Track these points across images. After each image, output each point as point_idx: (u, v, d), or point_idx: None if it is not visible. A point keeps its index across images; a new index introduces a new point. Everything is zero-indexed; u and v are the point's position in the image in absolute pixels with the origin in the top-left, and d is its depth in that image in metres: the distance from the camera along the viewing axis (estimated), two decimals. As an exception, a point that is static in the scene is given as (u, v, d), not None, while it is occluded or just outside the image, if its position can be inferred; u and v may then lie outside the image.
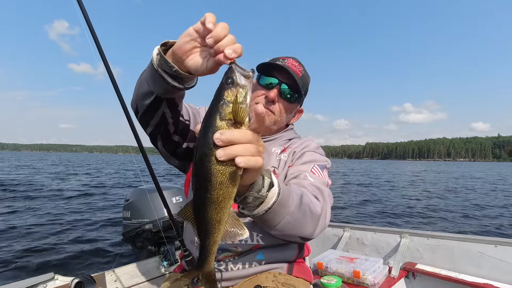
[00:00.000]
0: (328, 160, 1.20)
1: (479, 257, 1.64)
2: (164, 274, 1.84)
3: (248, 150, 0.54)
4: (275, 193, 0.73)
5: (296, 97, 1.18)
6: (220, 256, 1.06)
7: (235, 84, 0.55)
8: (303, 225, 0.87)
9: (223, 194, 0.57)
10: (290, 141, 1.26)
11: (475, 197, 12.27)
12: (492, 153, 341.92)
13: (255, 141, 0.56)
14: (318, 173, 1.07)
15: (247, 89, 0.56)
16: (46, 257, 4.24)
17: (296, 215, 0.82)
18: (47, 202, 8.68)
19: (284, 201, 0.77)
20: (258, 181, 0.68)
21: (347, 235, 2.15)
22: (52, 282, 1.41)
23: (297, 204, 0.82)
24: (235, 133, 0.53)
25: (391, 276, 1.74)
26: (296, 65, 1.16)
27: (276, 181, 0.74)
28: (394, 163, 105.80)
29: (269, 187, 0.72)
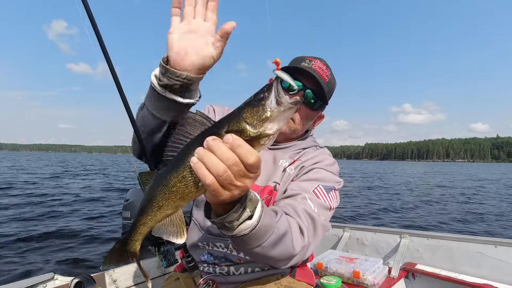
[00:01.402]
0: (341, 180, 1.09)
1: (479, 257, 1.64)
2: (163, 274, 1.84)
3: (218, 173, 0.50)
4: (249, 227, 0.66)
5: (320, 104, 1.08)
6: (223, 264, 1.05)
7: (261, 105, 0.50)
8: (272, 259, 0.81)
9: (179, 187, 0.56)
10: (303, 151, 1.14)
11: (475, 198, 12.28)
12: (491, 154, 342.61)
13: (237, 172, 0.51)
14: (322, 196, 0.97)
15: (270, 116, 0.50)
16: (46, 257, 4.23)
17: (267, 250, 0.75)
18: (47, 203, 8.66)
19: (258, 236, 0.70)
20: (233, 213, 0.61)
21: (347, 235, 2.15)
22: (52, 282, 1.41)
23: (273, 242, 0.75)
24: (222, 148, 0.49)
25: (391, 277, 1.74)
26: (324, 69, 1.05)
27: (257, 215, 0.66)
28: (393, 164, 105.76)
29: (246, 219, 0.65)
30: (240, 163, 0.50)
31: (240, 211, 0.62)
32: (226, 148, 0.49)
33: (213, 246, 1.07)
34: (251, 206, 0.64)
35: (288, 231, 0.80)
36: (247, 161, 0.50)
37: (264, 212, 0.69)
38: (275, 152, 1.11)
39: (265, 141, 0.52)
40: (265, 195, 1.00)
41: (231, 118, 0.53)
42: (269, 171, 1.06)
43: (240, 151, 0.49)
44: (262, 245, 0.73)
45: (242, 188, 0.54)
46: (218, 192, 0.52)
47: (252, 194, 0.65)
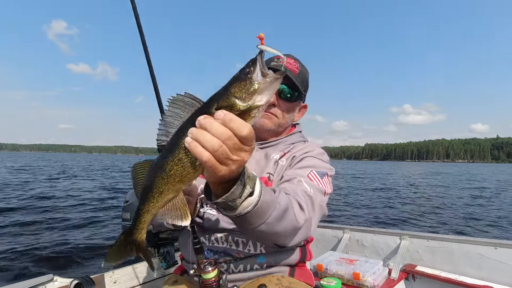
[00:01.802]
0: (332, 168, 1.14)
1: (479, 259, 1.64)
2: (163, 275, 1.83)
3: (213, 148, 0.51)
4: (251, 204, 0.67)
5: (296, 95, 1.16)
6: (222, 259, 1.06)
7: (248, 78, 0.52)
8: (279, 236, 0.83)
9: (176, 170, 0.57)
10: (292, 145, 1.21)
11: (475, 198, 12.28)
12: (491, 155, 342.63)
13: (232, 146, 0.52)
14: (316, 180, 1.01)
15: (258, 88, 0.51)
16: (45, 258, 4.23)
17: (272, 227, 0.77)
18: (46, 204, 8.65)
19: (261, 212, 0.72)
20: (235, 191, 0.62)
21: (347, 237, 2.14)
22: (51, 284, 1.40)
23: (277, 217, 0.77)
24: (215, 125, 0.50)
25: (391, 278, 1.74)
26: (292, 63, 1.14)
27: (258, 191, 0.68)
28: (393, 164, 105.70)
29: (248, 196, 0.66)
30: (234, 137, 0.51)
31: (241, 189, 0.63)
32: (218, 124, 0.51)
33: (214, 241, 1.08)
34: (251, 183, 0.66)
35: (289, 206, 0.82)
36: (240, 134, 0.51)
37: (263, 188, 0.70)
38: (266, 150, 1.17)
39: (255, 113, 0.53)
40: None
41: (219, 95, 0.54)
42: (261, 165, 1.12)
43: (233, 125, 0.50)
44: (266, 222, 0.74)
45: (239, 162, 0.55)
46: (216, 168, 0.53)
47: (249, 172, 0.66)
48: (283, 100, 1.14)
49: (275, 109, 1.13)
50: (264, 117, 1.13)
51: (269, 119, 1.14)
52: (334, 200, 10.83)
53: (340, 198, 11.49)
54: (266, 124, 1.14)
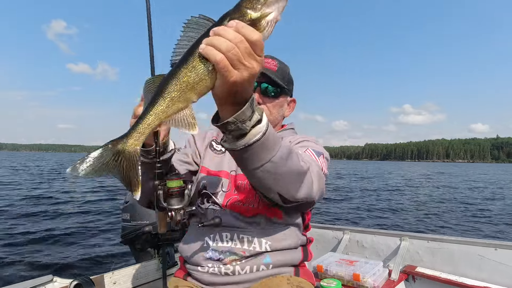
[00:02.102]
0: (326, 152, 1.16)
1: (479, 260, 1.63)
2: (162, 277, 1.83)
3: (227, 48, 0.54)
4: (260, 131, 0.67)
5: (279, 91, 1.18)
6: (227, 259, 1.05)
7: None
8: (284, 181, 0.79)
9: (190, 77, 0.57)
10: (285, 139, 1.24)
11: (475, 200, 12.28)
12: (491, 155, 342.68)
13: (244, 50, 0.55)
14: (313, 156, 1.03)
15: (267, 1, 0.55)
16: (45, 259, 4.22)
17: (278, 166, 0.75)
18: (46, 204, 8.65)
19: (269, 145, 0.71)
20: (245, 111, 0.63)
21: (347, 238, 2.14)
22: (51, 285, 1.40)
23: (283, 156, 0.75)
24: (228, 30, 0.54)
25: (391, 279, 1.74)
26: (269, 61, 1.17)
27: (265, 120, 0.69)
28: (393, 164, 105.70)
29: (256, 123, 0.67)
30: (245, 41, 0.55)
31: (251, 112, 0.64)
32: (231, 30, 0.54)
33: (218, 241, 1.07)
34: (259, 111, 0.67)
35: (292, 149, 0.81)
36: (251, 39, 0.55)
37: (270, 125, 0.72)
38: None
39: (264, 26, 0.57)
40: None
41: (231, 10, 0.57)
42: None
43: (244, 31, 0.54)
44: (272, 160, 0.73)
45: (250, 70, 0.57)
46: (228, 71, 0.55)
47: (256, 102, 0.68)
48: (267, 98, 1.17)
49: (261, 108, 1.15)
50: None
51: None
52: (334, 201, 10.83)
53: (340, 199, 11.48)
54: None
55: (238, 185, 1.12)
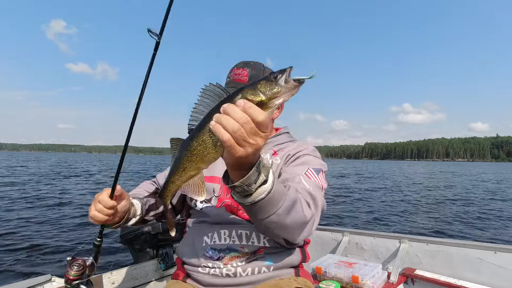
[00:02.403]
0: (325, 164, 1.18)
1: (479, 263, 1.63)
2: (161, 277, 1.83)
3: (233, 130, 0.59)
4: (265, 191, 0.74)
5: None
6: (227, 257, 1.05)
7: (274, 80, 0.61)
8: (288, 229, 0.88)
9: (199, 150, 0.67)
10: (282, 145, 1.23)
11: (475, 202, 12.27)
12: (491, 153, 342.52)
13: (249, 130, 0.60)
14: (313, 177, 1.05)
15: (279, 90, 0.61)
16: (43, 258, 4.22)
17: (283, 218, 0.83)
18: (45, 204, 8.64)
19: (274, 201, 0.78)
20: (251, 176, 0.69)
21: (346, 240, 2.14)
22: (49, 284, 1.40)
23: (287, 208, 0.83)
24: (236, 110, 0.59)
25: (390, 282, 1.73)
26: (240, 72, 1.16)
27: (271, 180, 0.75)
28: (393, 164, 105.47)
29: (262, 183, 0.73)
30: (251, 122, 0.59)
31: (256, 175, 0.71)
32: (239, 110, 0.59)
33: (216, 239, 1.08)
34: (265, 171, 0.73)
35: (298, 199, 0.87)
36: (257, 119, 0.59)
37: (276, 180, 0.78)
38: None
39: (271, 109, 0.63)
40: None
41: (246, 87, 0.63)
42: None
43: (251, 111, 0.59)
44: (277, 212, 0.80)
45: (255, 146, 0.62)
46: (234, 149, 0.61)
47: (264, 161, 0.73)
48: None
49: None
50: None
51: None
52: (333, 202, 10.82)
53: (339, 200, 11.48)
54: None
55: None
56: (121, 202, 1.03)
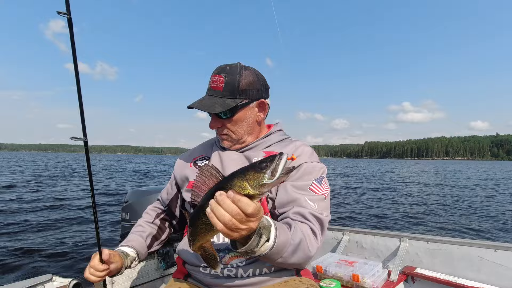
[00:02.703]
0: (324, 166, 1.13)
1: (479, 261, 1.63)
2: (162, 276, 1.83)
3: (224, 221, 0.65)
4: (268, 248, 0.80)
5: (233, 106, 1.08)
6: (227, 257, 1.05)
7: (261, 172, 0.65)
8: (294, 264, 0.95)
9: (201, 228, 0.76)
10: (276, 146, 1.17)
11: (475, 200, 12.28)
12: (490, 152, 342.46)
13: (240, 220, 0.66)
14: (317, 190, 1.05)
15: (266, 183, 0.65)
16: (44, 258, 4.22)
17: (287, 259, 0.89)
18: (45, 203, 8.64)
19: (277, 252, 0.84)
20: (252, 243, 0.76)
21: (346, 239, 2.14)
22: (50, 284, 1.40)
23: (292, 251, 0.89)
24: (226, 202, 0.65)
25: (390, 280, 1.74)
26: (216, 79, 1.09)
27: (273, 237, 0.81)
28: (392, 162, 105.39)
29: (265, 242, 0.80)
30: (241, 213, 0.65)
31: (258, 240, 0.78)
32: (229, 202, 0.65)
33: (215, 238, 1.07)
34: (266, 232, 0.80)
35: (303, 239, 0.92)
36: (246, 211, 0.65)
37: (278, 232, 0.83)
38: (246, 154, 1.16)
39: (260, 197, 0.68)
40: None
41: (237, 176, 0.68)
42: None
43: (240, 204, 0.64)
44: (282, 257, 0.88)
45: (248, 229, 0.69)
46: (228, 235, 0.68)
47: (265, 221, 0.80)
48: (224, 119, 1.11)
49: (224, 129, 1.14)
50: (223, 140, 1.17)
51: (228, 141, 1.17)
52: (334, 201, 10.83)
53: (339, 199, 11.48)
54: (227, 145, 1.18)
55: None
56: (111, 264, 1.05)
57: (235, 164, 1.11)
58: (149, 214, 1.34)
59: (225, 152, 1.18)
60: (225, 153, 1.17)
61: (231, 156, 1.15)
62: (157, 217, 1.32)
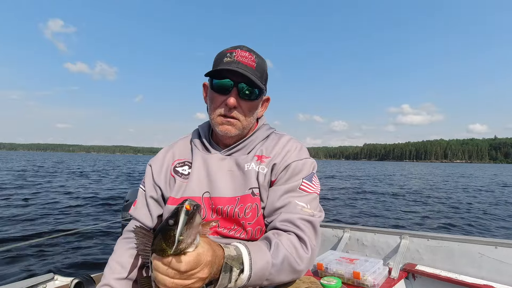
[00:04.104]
0: (314, 161, 1.05)
1: (479, 258, 1.64)
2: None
3: (166, 284, 0.60)
4: (244, 279, 0.73)
5: (257, 93, 1.00)
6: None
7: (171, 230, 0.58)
8: (283, 281, 0.86)
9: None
10: (264, 144, 1.07)
11: (475, 198, 12.31)
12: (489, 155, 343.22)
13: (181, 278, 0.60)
14: (307, 188, 0.97)
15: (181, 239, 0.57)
16: (46, 257, 4.22)
17: (274, 278, 0.81)
18: (46, 203, 8.64)
19: (259, 278, 0.76)
20: (222, 280, 0.69)
21: (347, 236, 2.15)
22: (52, 283, 1.40)
23: (276, 271, 0.80)
24: (159, 268, 0.60)
25: (391, 277, 1.74)
26: (247, 56, 0.98)
27: (247, 266, 0.73)
28: (391, 164, 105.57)
29: (239, 274, 0.72)
30: (177, 273, 0.59)
31: (228, 276, 0.70)
32: (162, 265, 0.60)
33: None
34: (236, 264, 0.72)
35: (287, 255, 0.83)
36: (179, 270, 0.59)
37: (253, 258, 0.75)
38: (234, 158, 1.03)
39: (188, 249, 0.60)
40: (248, 204, 0.95)
41: (157, 237, 0.61)
42: (240, 180, 0.99)
43: (172, 266, 0.59)
44: (268, 279, 0.79)
45: (198, 280, 0.62)
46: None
47: (232, 253, 0.72)
48: (244, 100, 0.99)
49: (236, 112, 0.99)
50: (226, 123, 0.99)
51: (232, 125, 1.00)
52: (334, 199, 10.85)
53: (340, 197, 11.50)
54: (229, 130, 1.00)
55: (217, 210, 0.96)
56: None
57: (223, 176, 0.99)
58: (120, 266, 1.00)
59: (209, 155, 1.03)
60: (210, 157, 1.02)
61: (219, 163, 1.01)
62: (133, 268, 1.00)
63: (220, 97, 0.98)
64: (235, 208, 0.94)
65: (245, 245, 0.77)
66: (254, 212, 0.95)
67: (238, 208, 0.94)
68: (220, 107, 0.99)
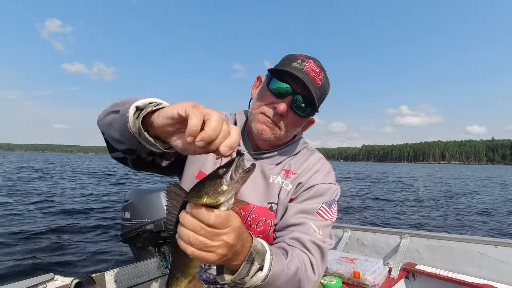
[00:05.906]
0: (338, 188, 1.03)
1: (479, 257, 1.64)
2: (163, 274, 1.83)
3: (190, 242, 0.56)
4: (260, 278, 0.70)
5: (310, 111, 0.97)
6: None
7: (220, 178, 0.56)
8: None
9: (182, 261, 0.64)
10: (294, 158, 1.04)
11: (475, 198, 12.32)
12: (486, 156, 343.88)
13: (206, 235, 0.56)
14: (324, 214, 0.95)
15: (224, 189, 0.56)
16: (46, 257, 4.22)
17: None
18: (46, 203, 8.63)
19: (271, 281, 0.73)
20: (242, 270, 0.66)
21: (347, 236, 2.15)
22: (52, 283, 1.40)
23: (286, 281, 0.77)
24: (186, 219, 0.56)
25: (391, 277, 1.74)
26: (317, 71, 0.93)
27: (267, 265, 0.70)
28: (390, 166, 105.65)
29: (257, 271, 0.69)
30: (204, 227, 0.55)
31: (249, 267, 0.67)
32: (189, 217, 0.56)
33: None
34: (259, 258, 0.69)
35: (300, 268, 0.81)
36: (208, 223, 0.55)
37: (274, 260, 0.72)
38: (261, 164, 1.01)
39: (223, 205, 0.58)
40: (263, 218, 0.94)
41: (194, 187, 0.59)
42: (261, 190, 0.98)
43: (200, 216, 0.55)
44: (275, 286, 0.76)
45: (223, 245, 0.58)
46: (204, 258, 0.57)
47: (259, 246, 0.69)
48: (294, 113, 0.95)
49: (281, 119, 0.94)
50: (266, 124, 0.95)
51: (270, 129, 0.95)
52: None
53: (340, 197, 11.50)
54: (265, 132, 0.96)
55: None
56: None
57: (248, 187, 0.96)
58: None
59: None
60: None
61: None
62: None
63: (272, 97, 0.94)
64: (248, 217, 0.92)
65: (268, 245, 0.74)
66: (266, 228, 0.93)
67: (251, 217, 0.92)
68: (267, 106, 0.94)
